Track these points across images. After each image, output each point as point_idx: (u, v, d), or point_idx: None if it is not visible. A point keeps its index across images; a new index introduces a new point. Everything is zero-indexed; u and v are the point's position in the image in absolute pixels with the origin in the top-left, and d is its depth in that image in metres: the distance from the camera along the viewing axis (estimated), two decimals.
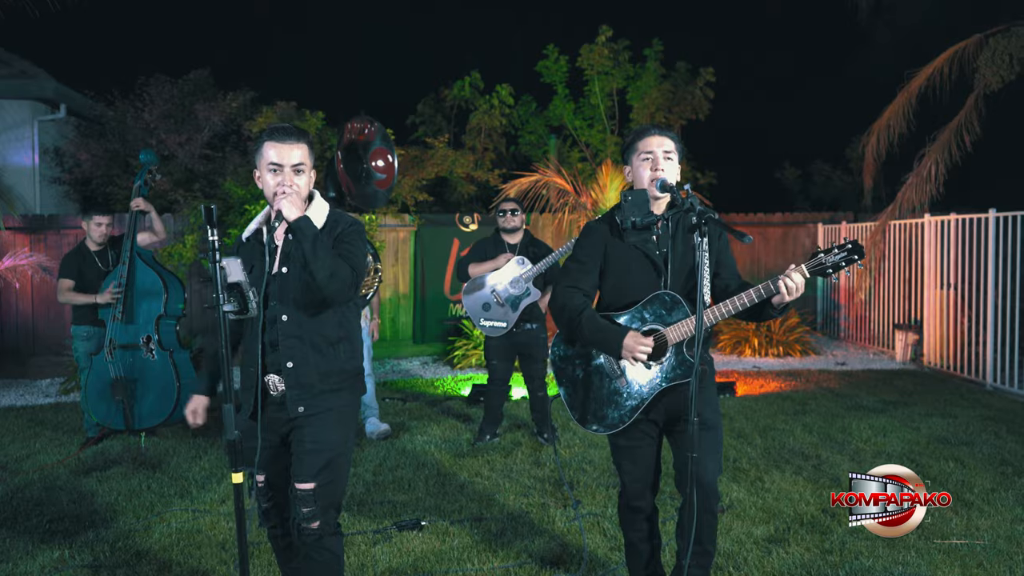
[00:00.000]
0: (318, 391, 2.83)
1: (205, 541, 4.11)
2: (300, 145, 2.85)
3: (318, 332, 2.84)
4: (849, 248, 2.87)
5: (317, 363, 2.83)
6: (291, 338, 2.83)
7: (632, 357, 2.93)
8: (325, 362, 2.85)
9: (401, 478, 5.13)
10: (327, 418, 2.84)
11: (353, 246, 2.87)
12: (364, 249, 2.91)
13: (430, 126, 12.79)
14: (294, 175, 2.83)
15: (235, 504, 2.41)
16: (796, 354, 10.09)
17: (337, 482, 2.87)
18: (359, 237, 2.92)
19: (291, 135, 2.85)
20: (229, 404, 2.29)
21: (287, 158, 2.82)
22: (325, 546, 2.86)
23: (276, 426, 2.89)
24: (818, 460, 5.43)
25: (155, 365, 5.77)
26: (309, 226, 2.73)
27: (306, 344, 2.83)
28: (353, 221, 2.97)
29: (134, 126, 10.45)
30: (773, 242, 12.12)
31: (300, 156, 2.85)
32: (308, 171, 2.89)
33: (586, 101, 12.02)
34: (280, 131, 2.85)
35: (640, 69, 11.74)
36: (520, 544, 4.03)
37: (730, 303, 2.94)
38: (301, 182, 2.85)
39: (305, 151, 2.87)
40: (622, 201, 2.90)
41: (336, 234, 2.90)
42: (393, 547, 4.00)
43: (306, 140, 2.88)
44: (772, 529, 4.22)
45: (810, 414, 6.78)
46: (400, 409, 7.15)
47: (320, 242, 2.73)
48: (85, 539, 4.14)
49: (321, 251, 2.71)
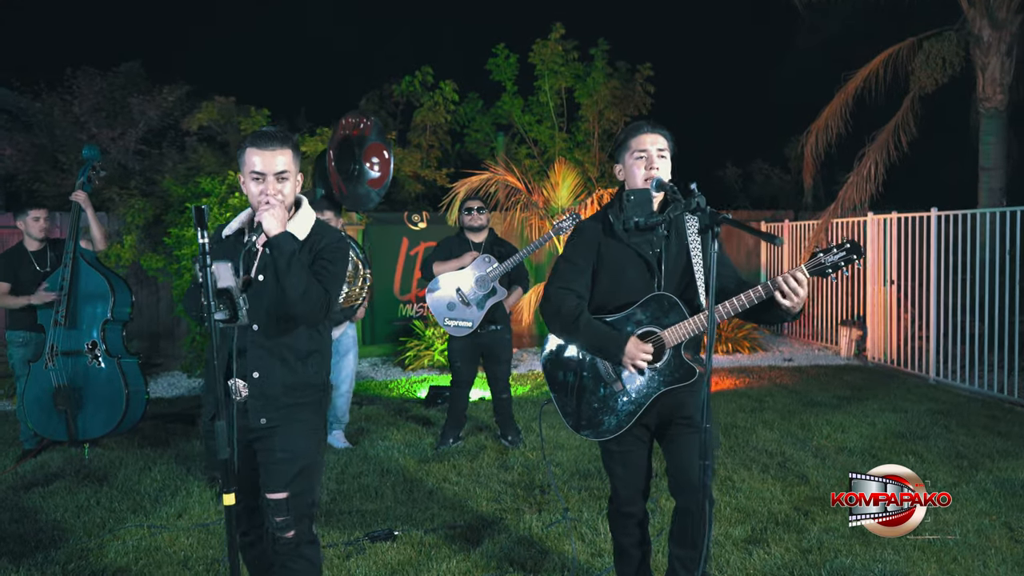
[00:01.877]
0: (282, 404, 2.72)
1: (165, 559, 3.89)
2: (284, 151, 2.72)
3: (288, 345, 2.73)
4: (848, 248, 2.85)
5: (283, 376, 2.72)
6: (259, 348, 2.72)
7: (633, 364, 2.86)
8: (292, 376, 2.73)
9: (367, 485, 4.96)
10: (295, 427, 2.74)
11: (331, 265, 2.76)
12: (343, 268, 2.80)
13: None
14: (277, 183, 2.71)
15: (226, 527, 2.24)
16: (745, 351, 10.23)
17: (310, 491, 2.77)
18: (340, 255, 2.81)
19: (274, 140, 2.71)
20: (222, 421, 2.12)
21: (270, 166, 2.69)
22: (302, 554, 2.77)
23: (240, 432, 2.74)
24: (783, 457, 5.47)
25: (101, 373, 5.45)
26: (288, 243, 2.61)
27: (274, 356, 2.72)
28: (339, 238, 2.86)
29: (62, 120, 9.95)
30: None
31: (284, 163, 2.72)
32: (293, 177, 2.77)
33: (535, 99, 11.96)
34: (263, 137, 2.71)
35: (589, 67, 11.75)
36: (499, 552, 3.92)
37: (730, 304, 2.89)
38: (286, 189, 2.73)
39: (289, 157, 2.74)
40: (624, 201, 2.82)
41: (318, 249, 2.78)
42: (368, 559, 3.85)
43: (291, 145, 2.75)
44: (749, 529, 4.21)
45: (768, 411, 6.85)
46: (357, 413, 6.95)
47: (296, 260, 2.61)
48: (33, 561, 3.86)
49: (296, 269, 2.60)
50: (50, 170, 9.94)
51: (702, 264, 3.05)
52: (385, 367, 9.67)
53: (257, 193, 2.70)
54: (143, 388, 5.59)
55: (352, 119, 5.61)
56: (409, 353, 9.55)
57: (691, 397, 3.05)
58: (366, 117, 5.47)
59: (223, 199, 8.53)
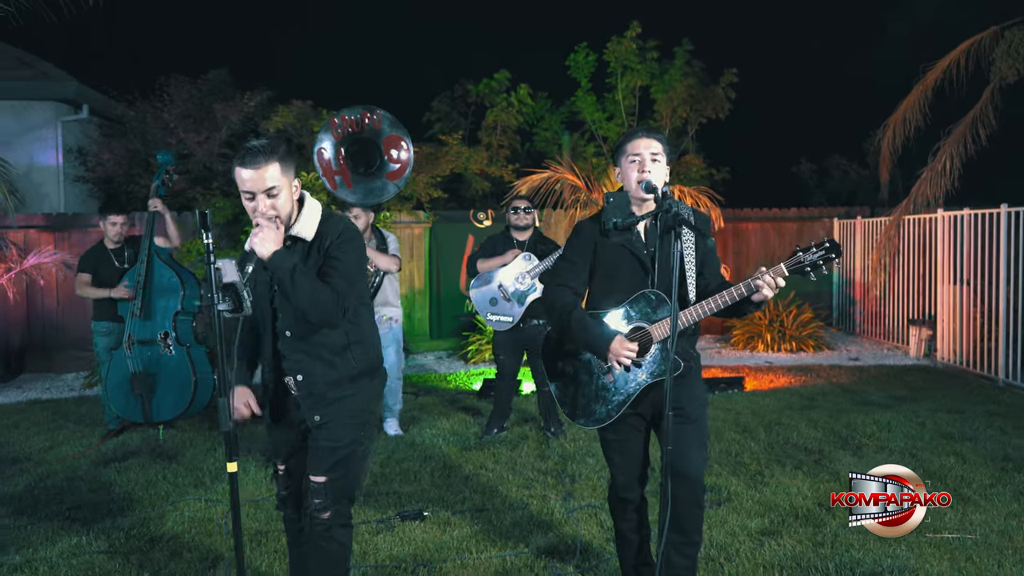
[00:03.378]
0: (331, 399, 2.91)
1: (216, 529, 4.27)
2: (271, 165, 2.74)
3: (322, 344, 2.89)
4: (827, 247, 2.95)
5: (325, 374, 2.90)
6: (297, 352, 2.91)
7: (617, 361, 3.04)
8: (333, 371, 2.90)
9: (408, 470, 5.26)
10: (343, 418, 2.93)
11: (340, 261, 2.85)
12: (355, 257, 2.90)
13: (446, 123, 12.91)
14: (268, 198, 2.77)
15: (231, 493, 2.54)
16: (809, 350, 10.10)
17: (349, 477, 2.96)
18: (350, 247, 2.89)
19: (259, 156, 2.73)
20: (224, 398, 2.41)
21: (259, 183, 2.74)
22: (334, 536, 2.98)
23: (296, 423, 3.01)
24: (820, 455, 5.49)
25: (172, 360, 5.94)
26: (284, 261, 2.71)
27: (312, 357, 2.89)
28: (344, 228, 2.93)
29: (154, 125, 10.66)
30: (788, 237, 12.12)
31: (273, 178, 2.75)
32: (286, 187, 2.82)
33: (610, 96, 12.08)
34: (249, 154, 2.75)
35: (667, 65, 11.79)
36: (518, 534, 4.15)
37: (711, 302, 3.03)
38: (279, 203, 2.79)
39: (278, 170, 2.77)
40: (605, 203, 2.99)
41: (326, 246, 2.88)
42: (395, 536, 4.14)
43: (276, 157, 2.77)
44: (767, 522, 4.30)
45: (817, 409, 6.82)
46: (413, 403, 7.29)
47: (298, 274, 2.72)
48: (102, 526, 4.31)
49: (299, 282, 2.71)
50: (143, 173, 10.67)
51: (695, 262, 3.19)
52: (449, 360, 10.01)
53: (251, 211, 2.79)
54: (211, 374, 6.06)
55: (348, 116, 5.90)
56: (471, 347, 9.85)
57: (683, 389, 3.19)
58: (370, 111, 5.72)
59: None
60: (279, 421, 3.02)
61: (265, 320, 2.98)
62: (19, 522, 4.41)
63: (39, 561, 3.87)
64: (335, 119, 6.12)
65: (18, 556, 3.92)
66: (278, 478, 3.12)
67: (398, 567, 3.78)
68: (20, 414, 7.14)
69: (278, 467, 3.11)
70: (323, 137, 6.16)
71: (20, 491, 4.94)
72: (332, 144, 6.15)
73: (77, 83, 10.77)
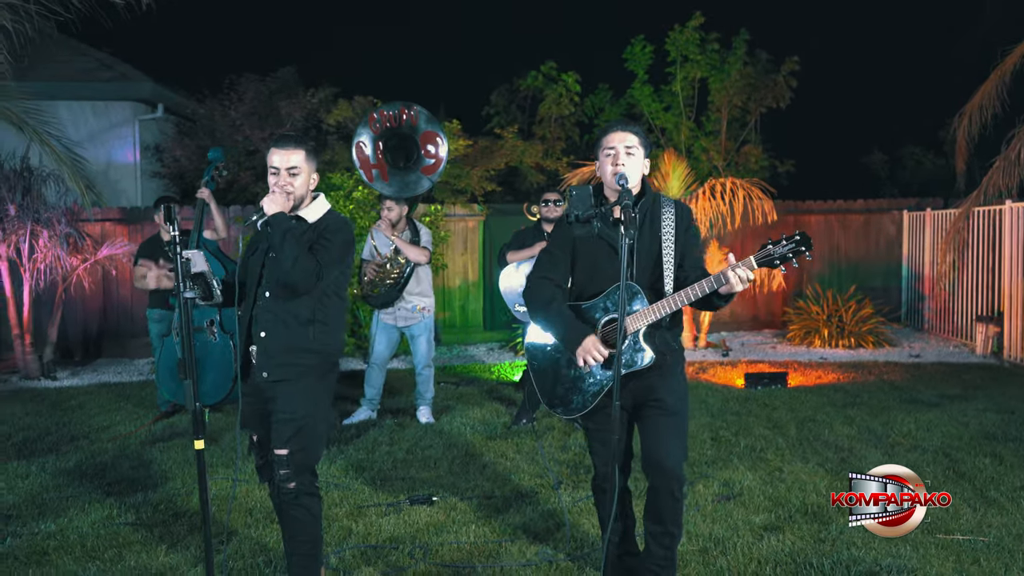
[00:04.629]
0: (281, 362, 3.18)
1: (236, 506, 4.51)
2: (297, 151, 3.25)
3: (291, 311, 3.20)
4: (797, 239, 2.92)
5: (285, 336, 3.19)
6: (267, 312, 3.22)
7: (583, 360, 3.10)
8: (292, 337, 3.19)
9: (429, 457, 5.41)
10: (292, 389, 3.18)
11: (328, 241, 3.24)
12: (341, 243, 3.25)
13: (504, 116, 13.04)
14: (288, 176, 3.22)
15: (198, 468, 2.72)
16: (869, 346, 9.80)
17: (309, 448, 3.21)
18: (340, 236, 3.27)
19: (290, 142, 3.27)
20: (188, 380, 2.59)
21: (284, 162, 3.22)
22: (302, 503, 3.21)
23: (259, 392, 3.27)
24: (848, 453, 5.37)
25: (216, 346, 6.25)
26: (283, 221, 3.11)
27: (278, 320, 3.20)
28: (342, 224, 3.34)
29: (222, 122, 11.14)
30: (853, 230, 11.76)
31: (296, 160, 3.23)
32: (305, 174, 3.27)
33: (667, 87, 11.98)
34: (282, 139, 3.29)
35: (727, 55, 11.63)
36: (519, 520, 4.23)
37: (682, 294, 3.04)
38: (296, 183, 3.24)
39: (302, 156, 3.26)
40: (568, 196, 3.04)
41: (321, 230, 3.27)
42: (400, 519, 4.28)
43: (304, 147, 3.27)
44: (773, 517, 4.26)
45: (858, 407, 6.65)
46: (452, 393, 7.45)
47: (290, 235, 3.09)
48: (134, 500, 4.61)
49: (289, 242, 3.07)
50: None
51: (673, 254, 3.21)
52: (500, 352, 10.14)
53: (272, 184, 3.22)
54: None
55: (387, 112, 6.06)
56: (520, 339, 9.95)
57: (661, 380, 3.22)
58: (407, 107, 5.86)
59: (349, 192, 9.31)
60: (245, 384, 3.25)
61: (251, 285, 3.27)
62: (63, 494, 4.76)
63: (71, 530, 4.17)
64: (373, 114, 6.31)
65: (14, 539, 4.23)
66: (254, 448, 3.34)
67: (395, 547, 3.92)
68: (87, 396, 7.62)
69: (252, 437, 3.33)
70: (362, 131, 6.36)
71: (70, 466, 5.31)
72: (371, 138, 6.35)
73: (152, 83, 11.34)
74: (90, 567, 3.74)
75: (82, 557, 3.85)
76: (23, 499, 4.69)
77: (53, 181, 8.66)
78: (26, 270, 8.72)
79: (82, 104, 11.27)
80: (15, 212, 8.52)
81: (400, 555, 3.85)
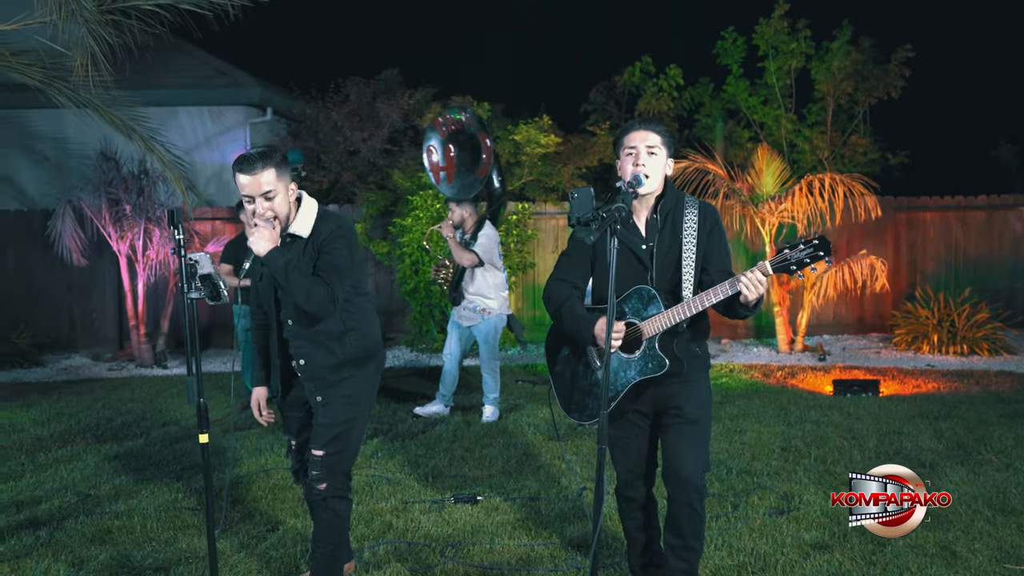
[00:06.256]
0: (331, 381, 3.21)
1: (291, 496, 4.68)
2: (267, 171, 3.02)
3: (322, 331, 3.18)
4: (816, 244, 2.75)
5: (325, 359, 3.20)
6: (298, 339, 3.23)
7: (600, 341, 3.02)
8: (333, 357, 3.20)
9: (485, 456, 5.43)
10: (340, 398, 3.23)
11: (331, 255, 3.10)
12: (346, 253, 3.12)
13: (602, 114, 12.90)
14: (266, 201, 3.05)
15: (202, 460, 2.84)
16: (983, 353, 9.09)
17: (344, 452, 3.26)
18: (340, 242, 3.13)
19: (256, 163, 3.00)
20: (192, 376, 2.71)
21: (256, 187, 3.02)
22: (330, 507, 3.26)
23: (301, 402, 3.36)
24: (929, 469, 5.01)
25: None
26: (277, 259, 3.00)
27: (313, 344, 3.20)
28: (337, 225, 3.17)
29: (324, 124, 11.56)
30: (974, 227, 10.95)
31: (268, 182, 3.02)
32: (282, 190, 3.09)
33: (762, 82, 11.57)
34: (246, 161, 3.02)
35: (826, 44, 11.11)
36: (558, 525, 4.19)
37: (697, 299, 2.93)
38: (276, 204, 3.07)
39: (273, 175, 3.03)
40: (569, 198, 2.98)
41: (319, 243, 3.13)
42: (441, 517, 4.33)
43: (272, 163, 3.03)
44: (826, 535, 4.02)
45: (952, 419, 6.19)
46: (526, 391, 7.45)
47: (293, 269, 2.99)
48: (198, 486, 4.87)
49: (294, 278, 2.98)
50: (316, 169, 11.61)
51: (694, 257, 3.08)
52: None
53: (250, 214, 3.09)
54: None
55: (449, 116, 6.12)
56: None
57: (681, 388, 3.12)
58: (463, 109, 5.91)
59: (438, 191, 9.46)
60: (286, 399, 3.33)
61: (271, 311, 3.30)
62: (141, 476, 5.08)
63: (137, 511, 4.45)
64: (439, 118, 6.43)
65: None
66: (291, 452, 3.44)
67: (428, 545, 3.96)
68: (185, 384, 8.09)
69: (291, 442, 3.42)
70: (431, 136, 6.50)
71: (154, 450, 5.67)
72: (439, 142, 6.46)
73: (261, 88, 11.91)
74: (145, 547, 3.98)
75: (140, 537, 4.11)
76: (105, 480, 5.04)
77: (162, 183, 9.26)
78: (141, 265, 9.36)
79: (200, 109, 11.97)
80: (131, 211, 9.18)
81: (431, 553, 3.89)
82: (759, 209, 9.26)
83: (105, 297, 10.53)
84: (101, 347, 10.52)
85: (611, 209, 2.71)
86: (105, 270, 10.25)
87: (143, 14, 6.58)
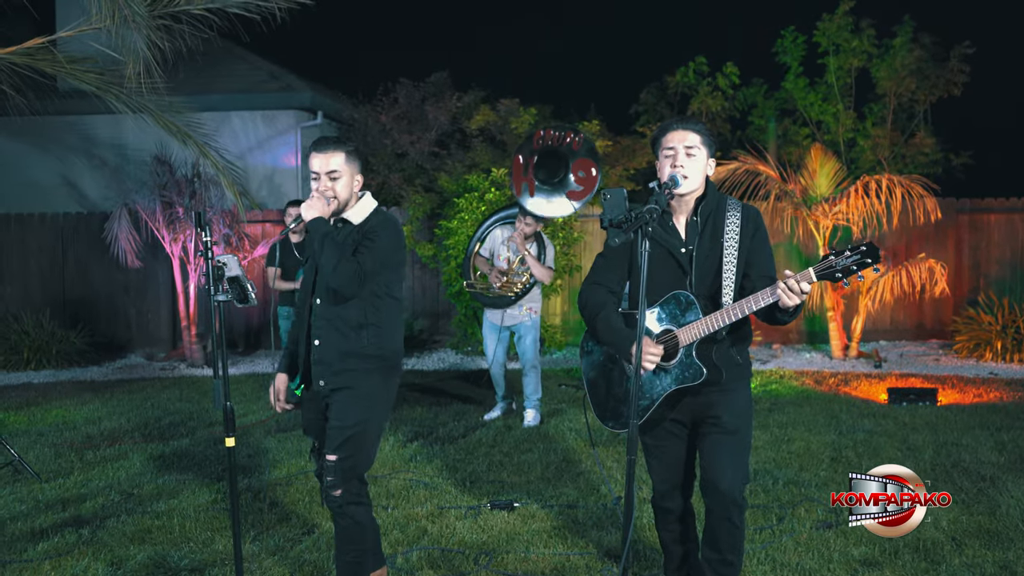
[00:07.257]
0: (338, 369, 3.17)
1: (299, 496, 4.68)
2: (336, 154, 3.20)
3: (342, 317, 3.18)
4: (863, 251, 2.61)
5: (338, 343, 3.18)
6: (321, 319, 3.23)
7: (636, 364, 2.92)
8: (346, 343, 3.17)
9: (525, 461, 5.36)
10: (348, 397, 3.17)
11: (372, 241, 3.16)
12: (387, 243, 3.17)
13: (652, 115, 12.74)
14: (329, 180, 3.19)
15: (228, 463, 2.83)
16: None
17: (357, 457, 3.18)
18: (385, 232, 3.20)
19: (329, 145, 3.21)
20: (218, 379, 2.69)
21: (324, 166, 3.18)
22: (348, 513, 3.19)
23: (319, 399, 3.31)
24: (988, 483, 4.78)
25: None
26: (320, 226, 3.10)
27: (331, 326, 3.20)
28: (387, 220, 3.28)
29: (373, 128, 11.63)
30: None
31: (336, 163, 3.19)
32: (347, 176, 3.22)
33: (821, 79, 11.29)
34: (321, 141, 3.24)
35: (887, 43, 10.80)
36: (595, 535, 4.09)
37: (737, 307, 2.82)
38: (338, 187, 3.20)
39: (342, 159, 3.21)
40: (602, 200, 2.88)
41: (365, 230, 3.22)
42: (477, 523, 4.26)
43: (344, 149, 3.22)
44: (876, 551, 3.85)
45: (1016, 431, 5.90)
46: (569, 396, 7.37)
47: (328, 240, 3.08)
48: (239, 487, 4.89)
49: (328, 248, 3.06)
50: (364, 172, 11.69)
51: (735, 261, 2.97)
52: None
53: (312, 190, 3.21)
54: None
55: (553, 131, 6.08)
56: None
57: (721, 397, 3.00)
58: (574, 132, 5.88)
59: (483, 194, 9.43)
60: (306, 393, 3.33)
61: (307, 292, 3.30)
62: (184, 477, 5.14)
63: (177, 511, 4.50)
64: (540, 131, 6.35)
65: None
66: (314, 454, 3.40)
67: (462, 552, 3.91)
68: (235, 385, 8.20)
69: (314, 443, 3.39)
70: (525, 145, 6.45)
71: (198, 450, 5.74)
72: (530, 153, 6.40)
73: (312, 93, 12.05)
74: (183, 547, 4.01)
75: (178, 538, 4.14)
76: (148, 479, 5.11)
77: (214, 186, 9.41)
78: (192, 266, 9.54)
79: (253, 114, 12.15)
80: (183, 214, 9.35)
81: (465, 560, 3.83)
82: (812, 211, 9.01)
83: (159, 298, 10.77)
84: (155, 347, 10.77)
85: (643, 211, 2.61)
86: (159, 272, 10.48)
87: (193, 18, 6.68)
